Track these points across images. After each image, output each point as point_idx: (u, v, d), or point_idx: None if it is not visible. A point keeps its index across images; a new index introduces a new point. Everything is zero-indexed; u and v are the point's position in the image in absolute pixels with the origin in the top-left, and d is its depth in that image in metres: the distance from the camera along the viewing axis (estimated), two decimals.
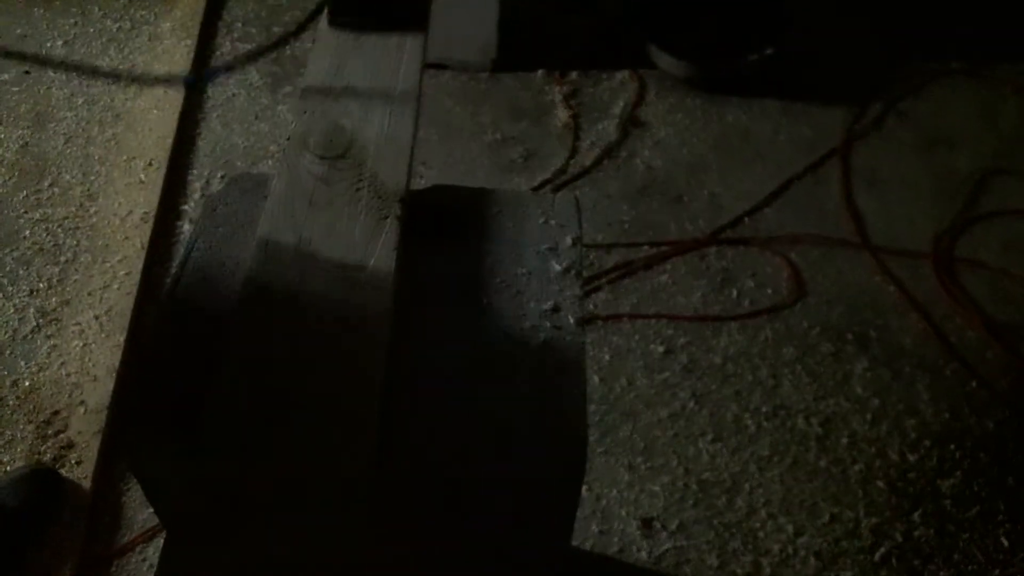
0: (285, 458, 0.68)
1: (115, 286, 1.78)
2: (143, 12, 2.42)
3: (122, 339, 1.68)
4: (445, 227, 0.90)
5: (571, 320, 0.84)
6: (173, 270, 0.95)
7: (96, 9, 2.44)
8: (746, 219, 1.97)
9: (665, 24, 2.31)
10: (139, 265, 1.81)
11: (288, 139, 0.87)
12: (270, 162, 2.07)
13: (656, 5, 2.35)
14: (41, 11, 2.43)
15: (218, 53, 2.32)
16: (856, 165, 2.09)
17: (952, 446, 1.60)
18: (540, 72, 2.29)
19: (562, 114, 2.21)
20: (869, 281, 1.86)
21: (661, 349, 1.72)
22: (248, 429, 0.69)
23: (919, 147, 2.14)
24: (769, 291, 1.84)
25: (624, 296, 1.82)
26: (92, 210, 1.93)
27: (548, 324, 0.84)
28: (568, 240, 0.91)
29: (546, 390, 0.78)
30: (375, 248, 0.79)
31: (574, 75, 2.29)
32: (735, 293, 1.83)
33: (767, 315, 1.79)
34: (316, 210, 0.82)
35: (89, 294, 1.77)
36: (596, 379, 1.68)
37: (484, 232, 0.91)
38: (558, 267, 0.88)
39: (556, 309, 0.85)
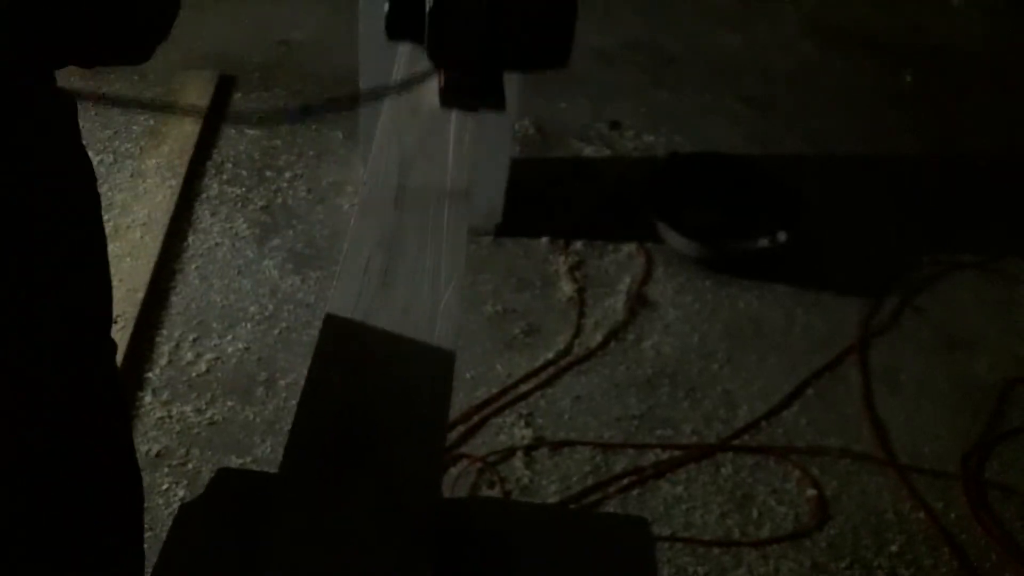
0: None
1: None
2: (128, 145, 2.27)
3: None
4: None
5: None
6: None
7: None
8: (763, 423, 1.83)
9: (675, 201, 2.23)
10: None
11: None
12: (248, 325, 1.89)
13: (666, 182, 2.27)
14: None
15: (204, 196, 2.17)
16: (874, 365, 1.98)
17: None
18: (544, 239, 2.18)
19: (566, 287, 2.08)
20: (897, 506, 1.71)
21: None
22: None
23: (938, 348, 2.04)
24: (791, 512, 1.68)
25: (635, 510, 1.64)
26: None
27: None
28: None
29: None
30: None
31: (579, 244, 2.18)
32: (755, 513, 1.67)
33: (789, 542, 1.62)
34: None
35: None
36: None
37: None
38: None
39: None
